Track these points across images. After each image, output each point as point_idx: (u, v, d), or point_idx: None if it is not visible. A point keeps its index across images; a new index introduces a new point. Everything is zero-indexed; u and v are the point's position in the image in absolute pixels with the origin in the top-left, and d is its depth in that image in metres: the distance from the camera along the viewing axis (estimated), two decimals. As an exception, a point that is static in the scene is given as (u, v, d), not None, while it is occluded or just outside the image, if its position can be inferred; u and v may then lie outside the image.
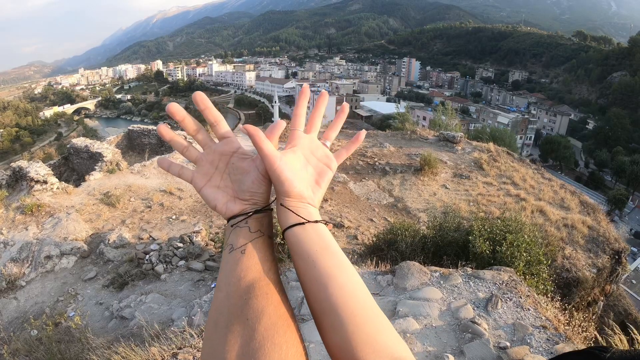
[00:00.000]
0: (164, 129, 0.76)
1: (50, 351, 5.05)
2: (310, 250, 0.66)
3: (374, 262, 5.02)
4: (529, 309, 3.59)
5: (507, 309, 3.61)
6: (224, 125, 0.77)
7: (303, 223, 0.69)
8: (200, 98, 0.73)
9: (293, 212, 0.70)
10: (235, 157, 0.75)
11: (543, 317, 3.49)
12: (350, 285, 0.63)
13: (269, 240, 0.73)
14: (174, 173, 0.78)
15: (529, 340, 3.17)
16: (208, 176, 0.75)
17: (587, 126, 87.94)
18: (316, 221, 0.70)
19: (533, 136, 74.52)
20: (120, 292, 7.65)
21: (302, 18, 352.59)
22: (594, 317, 9.69)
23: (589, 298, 10.07)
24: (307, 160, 0.76)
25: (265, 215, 0.74)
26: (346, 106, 0.83)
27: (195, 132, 0.75)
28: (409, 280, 4.07)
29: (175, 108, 0.70)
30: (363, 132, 0.82)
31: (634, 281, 28.24)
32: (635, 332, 3.40)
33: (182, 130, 0.79)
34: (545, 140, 67.09)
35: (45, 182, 12.49)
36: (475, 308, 3.65)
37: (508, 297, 3.77)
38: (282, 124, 0.74)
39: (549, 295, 4.71)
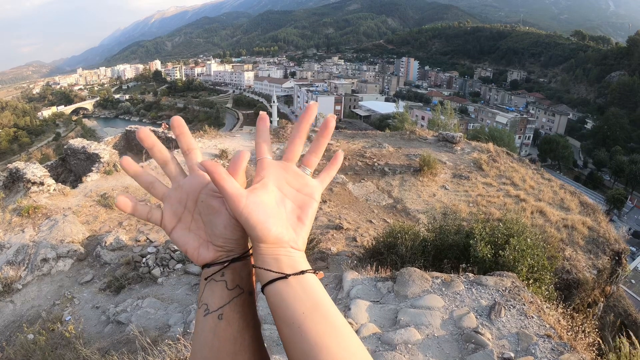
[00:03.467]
0: (127, 163, 0.65)
1: (45, 359, 4.97)
2: (296, 313, 0.54)
3: (373, 267, 4.95)
4: (532, 317, 3.52)
5: (510, 317, 3.54)
6: (196, 155, 0.66)
7: (285, 276, 0.56)
8: (178, 123, 0.64)
9: (272, 262, 0.57)
10: (204, 194, 0.63)
11: (547, 325, 3.42)
12: (346, 358, 0.52)
13: (250, 298, 0.63)
14: (142, 216, 0.65)
15: (533, 351, 3.10)
16: (177, 216, 0.64)
17: (585, 126, 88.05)
18: (302, 272, 0.57)
19: (531, 136, 74.64)
20: (116, 296, 7.57)
21: (300, 18, 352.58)
22: (594, 318, 9.65)
23: (589, 299, 10.03)
24: (282, 193, 0.62)
25: (245, 264, 0.63)
26: (331, 120, 0.65)
27: (165, 163, 0.66)
28: (410, 287, 4.00)
29: (145, 134, 0.62)
30: (341, 153, 0.69)
31: (633, 281, 28.19)
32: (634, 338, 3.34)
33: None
34: (543, 139, 67.18)
35: (42, 183, 12.40)
36: (478, 316, 3.57)
37: (511, 305, 3.70)
38: (246, 154, 0.62)
39: (552, 301, 4.64)
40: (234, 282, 0.61)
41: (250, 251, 0.63)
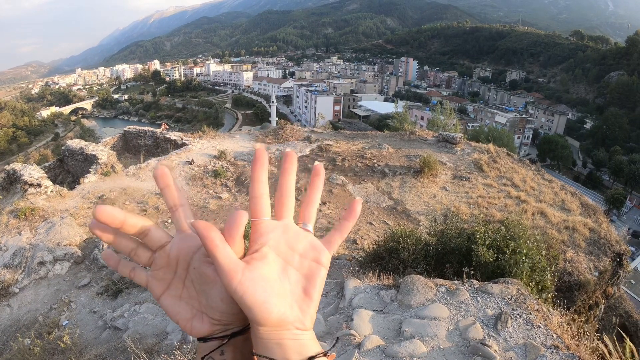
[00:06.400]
0: (97, 230, 0.53)
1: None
2: None
3: (376, 274, 4.86)
4: (539, 326, 3.44)
5: (517, 327, 3.45)
6: (185, 212, 0.55)
7: None
8: (162, 174, 0.53)
9: (275, 348, 0.48)
10: (197, 260, 0.54)
11: (554, 335, 3.34)
12: None
13: None
14: (124, 274, 0.56)
15: (541, 363, 3.02)
16: (166, 283, 0.55)
17: (584, 126, 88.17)
18: (311, 358, 0.49)
19: (531, 136, 74.70)
20: (114, 301, 7.47)
21: (299, 18, 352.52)
22: (595, 320, 9.59)
23: (591, 301, 9.97)
24: (285, 261, 0.52)
25: (246, 339, 0.53)
26: (320, 168, 0.57)
27: (144, 235, 0.54)
28: (414, 296, 3.91)
29: (107, 216, 0.50)
30: (359, 202, 0.58)
31: (632, 281, 28.11)
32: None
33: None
34: (543, 139, 67.20)
35: (39, 185, 12.29)
36: (485, 327, 3.48)
37: (517, 314, 3.61)
38: (243, 215, 0.51)
39: (554, 305, 4.56)
40: None
41: None
